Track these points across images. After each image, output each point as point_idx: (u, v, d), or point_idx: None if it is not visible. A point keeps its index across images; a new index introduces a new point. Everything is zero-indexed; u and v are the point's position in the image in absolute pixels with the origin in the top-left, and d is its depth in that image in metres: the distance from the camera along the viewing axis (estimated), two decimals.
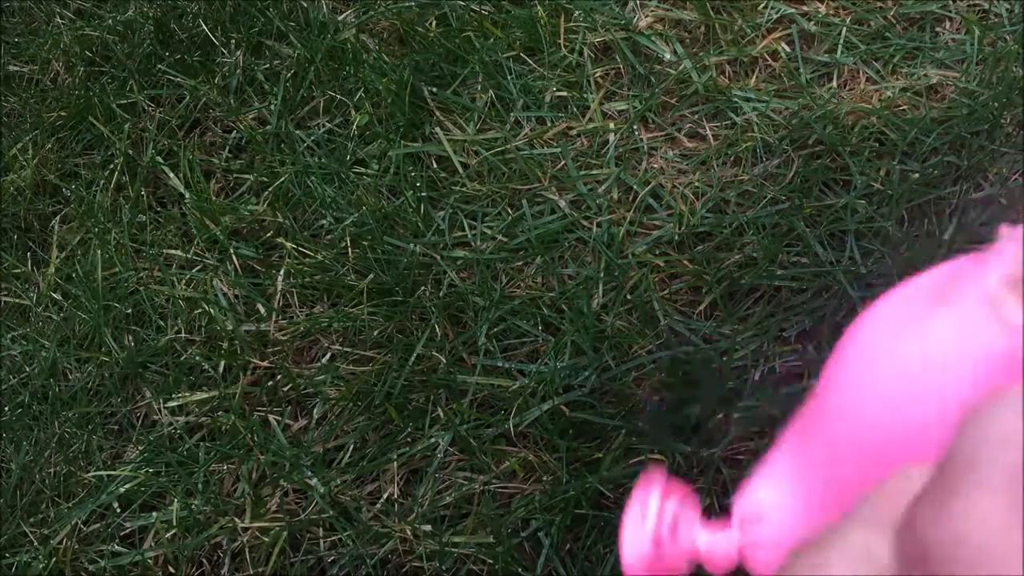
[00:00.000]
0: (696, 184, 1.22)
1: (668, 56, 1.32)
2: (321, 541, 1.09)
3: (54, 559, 1.12)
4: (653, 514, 0.32)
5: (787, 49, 1.30)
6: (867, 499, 0.23)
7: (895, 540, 0.22)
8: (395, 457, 1.10)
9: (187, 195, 1.37)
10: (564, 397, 1.08)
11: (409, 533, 1.06)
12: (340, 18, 1.48)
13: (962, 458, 0.21)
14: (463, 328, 1.17)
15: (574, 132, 1.29)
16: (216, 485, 1.14)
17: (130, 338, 1.27)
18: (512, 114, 1.32)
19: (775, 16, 1.33)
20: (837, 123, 1.22)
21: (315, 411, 1.16)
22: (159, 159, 1.42)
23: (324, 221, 1.28)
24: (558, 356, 1.11)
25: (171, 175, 1.41)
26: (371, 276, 1.21)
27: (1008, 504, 0.20)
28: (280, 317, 1.24)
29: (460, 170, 1.29)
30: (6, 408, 1.27)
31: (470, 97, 1.35)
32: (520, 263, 1.20)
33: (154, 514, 1.13)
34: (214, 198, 1.36)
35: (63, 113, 1.51)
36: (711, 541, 0.32)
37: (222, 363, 1.22)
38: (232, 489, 1.14)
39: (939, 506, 0.20)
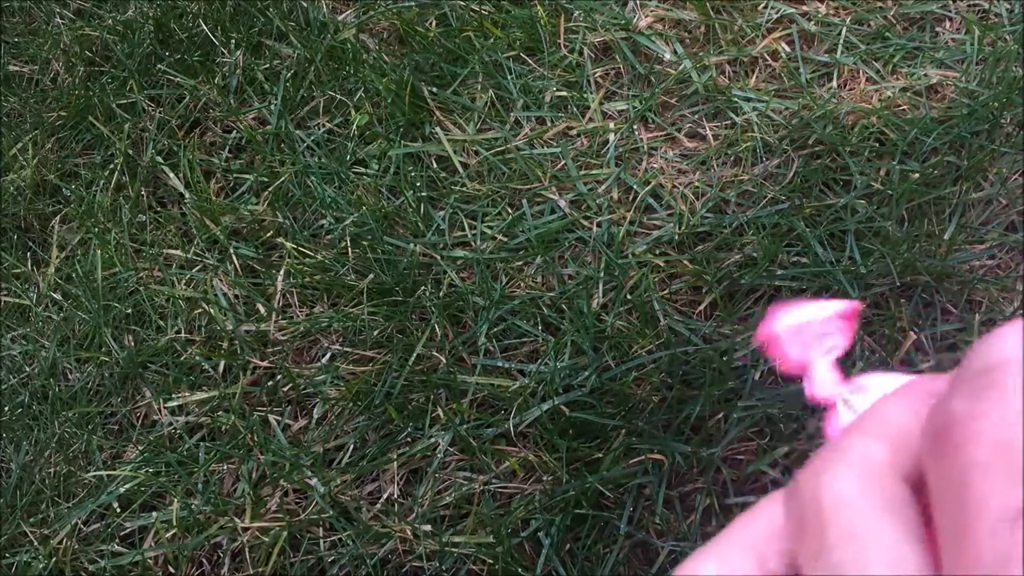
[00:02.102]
0: (696, 184, 1.22)
1: (668, 56, 1.32)
2: (321, 541, 1.09)
3: (54, 559, 1.12)
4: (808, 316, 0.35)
5: (787, 49, 1.30)
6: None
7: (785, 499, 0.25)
8: (395, 457, 1.10)
9: (187, 195, 1.37)
10: (564, 397, 1.08)
11: (409, 533, 1.06)
12: (340, 18, 1.48)
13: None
14: (463, 328, 1.17)
15: (574, 132, 1.29)
16: (216, 485, 1.14)
17: (130, 338, 1.27)
18: (512, 114, 1.32)
19: (775, 16, 1.33)
20: (837, 123, 1.22)
21: (315, 411, 1.16)
22: (159, 159, 1.42)
23: (324, 221, 1.28)
24: (558, 356, 1.11)
25: (171, 175, 1.41)
26: (371, 276, 1.21)
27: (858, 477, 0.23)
28: (280, 317, 1.24)
29: (460, 170, 1.29)
30: (6, 408, 1.27)
31: (470, 97, 1.35)
32: (520, 263, 1.20)
33: (154, 514, 1.13)
34: (214, 198, 1.36)
35: (63, 113, 1.51)
36: (826, 367, 0.34)
37: (222, 363, 1.22)
38: (232, 489, 1.14)
39: (813, 471, 0.24)
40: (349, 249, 1.25)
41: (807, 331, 0.34)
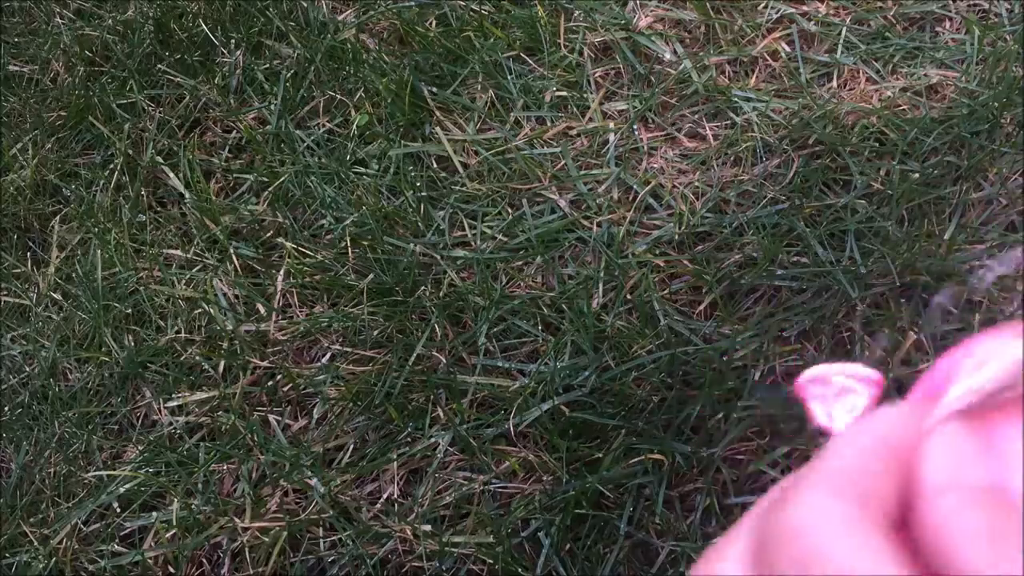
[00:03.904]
0: (696, 184, 1.22)
1: (668, 56, 1.32)
2: (321, 541, 1.09)
3: (54, 559, 1.12)
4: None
5: (787, 49, 1.30)
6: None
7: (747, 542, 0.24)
8: (395, 457, 1.10)
9: (187, 195, 1.37)
10: (564, 397, 1.08)
11: (409, 533, 1.06)
12: (340, 18, 1.48)
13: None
14: (463, 328, 1.17)
15: (574, 132, 1.29)
16: (216, 485, 1.14)
17: (130, 338, 1.27)
18: (512, 114, 1.32)
19: (775, 16, 1.33)
20: (837, 123, 1.22)
21: (315, 411, 1.16)
22: (159, 159, 1.42)
23: (324, 221, 1.28)
24: (558, 356, 1.11)
25: (171, 175, 1.41)
26: (371, 276, 1.21)
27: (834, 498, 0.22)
28: (280, 317, 1.24)
29: (460, 170, 1.29)
30: (6, 408, 1.27)
31: (470, 97, 1.35)
32: (520, 263, 1.20)
33: (154, 514, 1.13)
34: (214, 198, 1.36)
35: (63, 113, 1.51)
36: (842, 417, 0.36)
37: (222, 363, 1.22)
38: (232, 489, 1.14)
39: (779, 504, 0.23)
40: (349, 249, 1.25)
41: (832, 384, 0.35)
